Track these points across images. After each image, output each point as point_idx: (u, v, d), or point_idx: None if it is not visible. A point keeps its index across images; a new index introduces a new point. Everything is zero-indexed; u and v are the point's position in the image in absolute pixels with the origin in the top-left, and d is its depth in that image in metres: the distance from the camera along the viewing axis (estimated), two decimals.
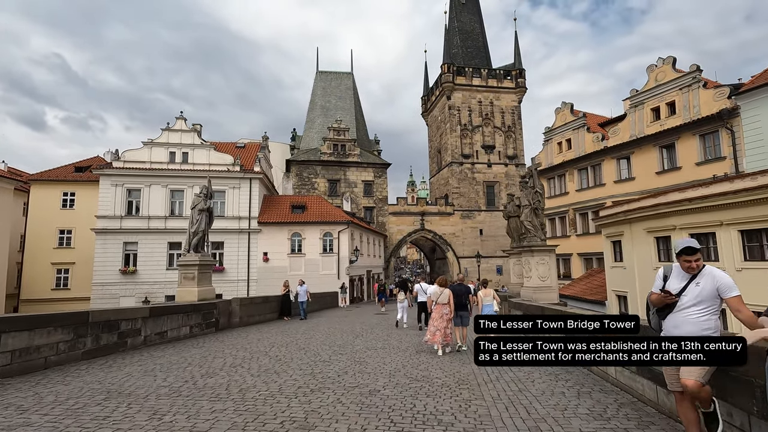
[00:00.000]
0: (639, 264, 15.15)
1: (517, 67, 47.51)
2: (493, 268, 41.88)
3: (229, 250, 28.04)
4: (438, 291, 9.04)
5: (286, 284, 17.62)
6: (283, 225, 28.86)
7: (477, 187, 45.01)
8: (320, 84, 48.01)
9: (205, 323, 11.82)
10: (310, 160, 41.62)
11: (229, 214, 28.16)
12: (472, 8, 52.54)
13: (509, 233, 16.04)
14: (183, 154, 28.17)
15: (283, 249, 28.81)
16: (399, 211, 43.19)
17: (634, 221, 15.17)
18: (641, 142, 23.41)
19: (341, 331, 12.74)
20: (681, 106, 21.73)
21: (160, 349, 8.99)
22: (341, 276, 29.37)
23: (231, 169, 28.32)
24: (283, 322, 15.39)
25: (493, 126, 46.58)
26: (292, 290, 17.79)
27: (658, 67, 22.99)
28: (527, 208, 13.01)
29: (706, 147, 20.55)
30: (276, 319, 16.29)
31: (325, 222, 29.40)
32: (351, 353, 8.60)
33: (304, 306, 16.89)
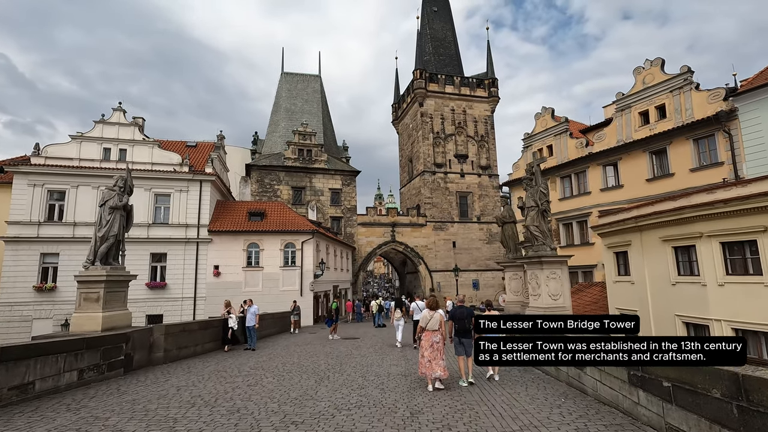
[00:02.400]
0: (652, 278, 13.09)
1: (490, 77, 46.57)
2: (468, 282, 39.75)
3: (173, 262, 24.15)
4: (427, 315, 7.34)
5: (227, 304, 13.99)
6: (238, 234, 25.33)
7: (450, 198, 43.11)
8: (285, 86, 44.95)
9: (107, 363, 8.44)
10: (273, 165, 38.26)
11: (175, 221, 24.36)
12: (444, 16, 51.58)
13: (504, 242, 13.63)
14: (120, 151, 24.25)
15: (238, 262, 25.22)
16: (369, 221, 40.45)
17: (645, 228, 13.16)
18: (629, 148, 22.01)
19: (300, 368, 9.68)
20: (672, 110, 20.48)
21: (7, 413, 5.69)
22: (304, 292, 26.06)
23: (178, 169, 24.64)
24: (224, 355, 12.04)
25: (466, 135, 45.10)
26: (236, 311, 14.17)
27: (646, 70, 21.80)
28: (533, 210, 10.61)
29: (701, 152, 19.26)
30: (218, 349, 12.92)
31: (287, 231, 26.13)
32: (312, 416, 5.66)
33: (253, 332, 13.58)
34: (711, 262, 11.07)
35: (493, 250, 43.22)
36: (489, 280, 41.96)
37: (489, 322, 3.71)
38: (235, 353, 12.30)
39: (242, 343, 13.96)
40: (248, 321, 13.53)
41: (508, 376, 8.20)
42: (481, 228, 43.35)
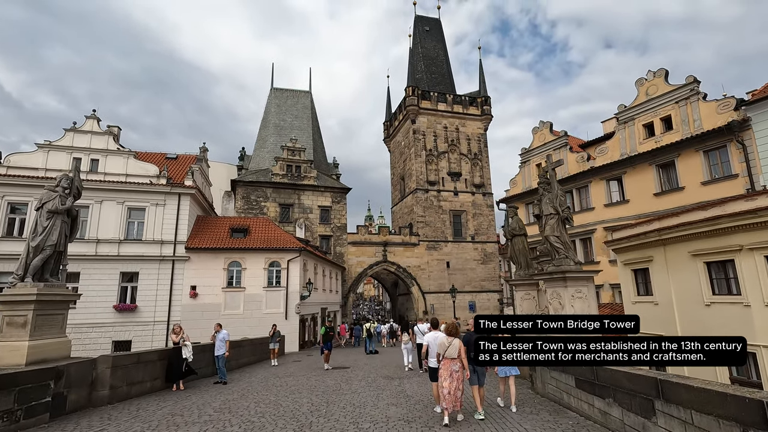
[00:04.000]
0: (680, 299, 11.61)
1: (483, 95, 46.14)
2: (464, 304, 37.99)
3: (145, 283, 22.04)
4: (445, 342, 6.60)
5: (176, 330, 10.92)
6: (219, 252, 23.40)
7: (443, 216, 41.79)
8: (275, 101, 43.84)
9: (24, 408, 6.54)
10: (260, 182, 36.64)
11: (149, 237, 22.40)
12: (436, 36, 51.59)
13: (513, 257, 12.09)
14: (92, 161, 22.43)
15: (217, 282, 23.20)
16: (359, 240, 38.76)
17: (671, 242, 11.76)
18: (634, 161, 20.96)
19: (277, 411, 7.83)
20: (679, 121, 19.56)
21: None
22: (290, 315, 24.03)
23: (155, 181, 22.86)
24: (187, 392, 10.03)
25: (459, 153, 44.24)
26: (189, 337, 10.94)
27: (648, 81, 21.01)
28: (553, 218, 9.15)
29: (712, 164, 18.22)
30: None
31: (273, 249, 24.28)
32: None
33: (221, 363, 11.51)
34: (755, 279, 9.67)
35: (488, 270, 41.69)
36: (484, 302, 40.25)
37: (489, 322, 3.91)
38: (200, 389, 10.32)
39: (207, 376, 11.96)
40: (217, 349, 11.55)
41: (529, 413, 6.53)
42: (476, 248, 41.93)
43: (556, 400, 7.71)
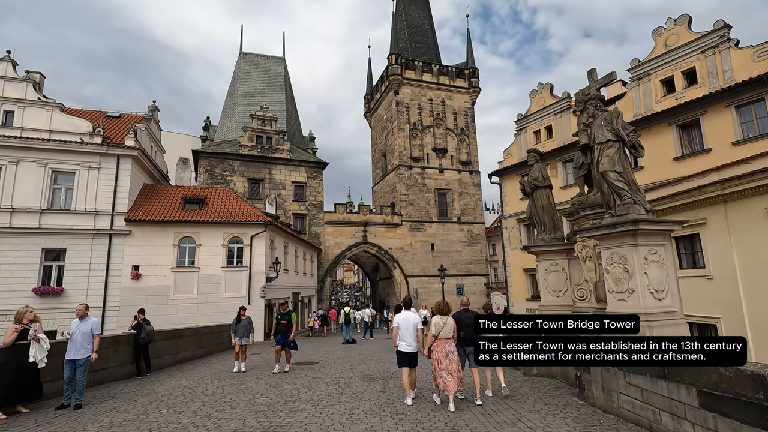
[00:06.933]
0: (748, 270, 8.94)
1: (470, 66, 43.05)
2: (452, 288, 35.44)
3: (75, 261, 18.27)
4: (440, 322, 6.36)
5: (22, 315, 6.85)
6: (168, 225, 19.73)
7: (428, 195, 38.89)
8: (244, 67, 39.58)
9: None
10: (226, 153, 32.78)
11: (80, 206, 18.54)
12: (421, 3, 47.89)
13: (533, 217, 9.14)
14: (5, 113, 18.31)
15: (166, 260, 19.60)
16: (337, 219, 35.53)
17: (734, 198, 9.04)
18: (650, 122, 18.30)
19: None
20: (705, 73, 16.93)
21: None
22: (254, 300, 20.72)
23: (87, 140, 18.91)
24: (24, 417, 6.43)
25: (446, 128, 41.22)
26: (42, 328, 7.10)
27: (668, 30, 18.27)
28: (612, 146, 6.22)
29: (745, 121, 15.69)
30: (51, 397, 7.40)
31: (233, 222, 20.78)
32: None
33: (82, 373, 6.98)
34: None
35: (475, 253, 39.19)
36: (471, 285, 37.81)
37: (489, 322, 3.79)
38: (46, 417, 6.73)
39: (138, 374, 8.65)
40: (72, 350, 6.99)
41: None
42: (462, 229, 39.30)
43: (636, 421, 4.82)
